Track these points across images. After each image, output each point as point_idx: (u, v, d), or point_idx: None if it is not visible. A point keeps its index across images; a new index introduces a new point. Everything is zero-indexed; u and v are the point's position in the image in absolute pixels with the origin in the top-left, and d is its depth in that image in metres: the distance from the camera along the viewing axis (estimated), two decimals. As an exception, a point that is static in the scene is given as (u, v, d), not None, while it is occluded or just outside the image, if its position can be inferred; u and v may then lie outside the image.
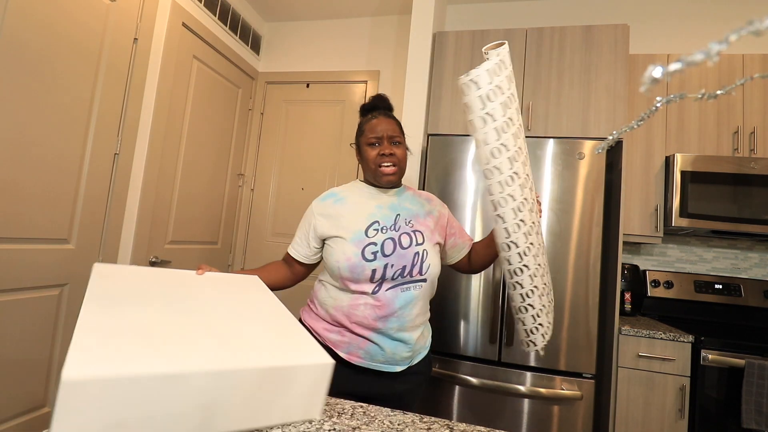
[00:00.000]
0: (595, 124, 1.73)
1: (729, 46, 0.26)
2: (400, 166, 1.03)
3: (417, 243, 0.99)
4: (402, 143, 1.05)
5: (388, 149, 1.01)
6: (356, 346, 0.97)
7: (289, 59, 2.68)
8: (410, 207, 1.06)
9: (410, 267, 0.97)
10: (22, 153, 1.33)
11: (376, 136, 1.02)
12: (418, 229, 1.02)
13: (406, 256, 0.97)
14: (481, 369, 1.61)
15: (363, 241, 0.97)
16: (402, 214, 1.03)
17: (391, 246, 0.97)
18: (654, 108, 0.37)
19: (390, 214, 1.03)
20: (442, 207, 1.13)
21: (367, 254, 0.95)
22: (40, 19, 1.34)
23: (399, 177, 1.05)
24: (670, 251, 2.09)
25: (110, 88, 1.62)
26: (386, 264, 0.95)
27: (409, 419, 0.64)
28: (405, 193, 1.10)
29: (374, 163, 1.02)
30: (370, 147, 1.03)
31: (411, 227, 1.02)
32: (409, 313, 0.97)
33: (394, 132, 1.03)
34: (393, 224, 1.01)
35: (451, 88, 1.91)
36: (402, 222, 1.02)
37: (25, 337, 1.38)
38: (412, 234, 1.00)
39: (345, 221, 1.01)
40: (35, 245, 1.40)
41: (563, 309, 1.58)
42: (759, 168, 1.71)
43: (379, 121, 1.04)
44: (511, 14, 2.36)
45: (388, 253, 0.96)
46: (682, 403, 1.52)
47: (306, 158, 2.56)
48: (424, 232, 1.02)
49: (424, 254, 0.99)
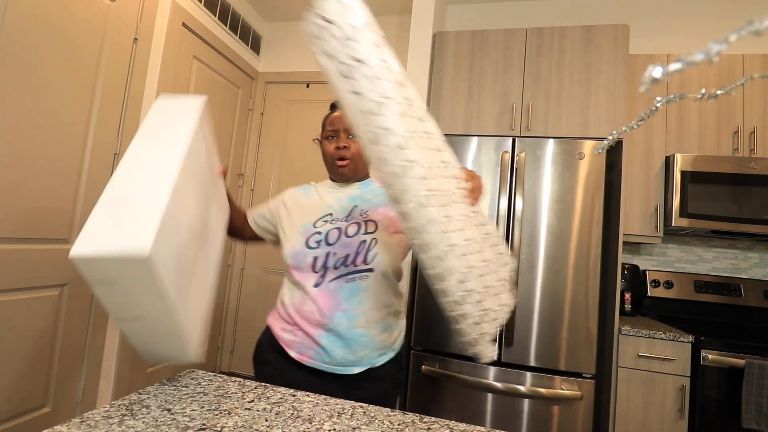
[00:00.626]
0: (595, 124, 1.73)
1: (729, 46, 0.26)
2: (353, 160, 0.98)
3: (366, 232, 0.94)
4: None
5: (342, 142, 0.98)
6: (307, 345, 0.92)
7: (289, 59, 2.68)
8: (371, 198, 1.01)
9: (354, 256, 0.91)
10: (22, 153, 1.33)
11: (333, 129, 0.99)
12: (372, 218, 0.96)
13: (350, 244, 0.92)
14: (481, 369, 1.61)
15: (309, 231, 0.95)
16: (359, 206, 0.99)
17: (336, 235, 0.93)
18: (654, 108, 0.37)
19: (347, 206, 0.99)
20: None
21: (311, 242, 0.93)
22: (40, 19, 1.34)
23: (353, 171, 1.00)
24: (670, 251, 2.09)
25: (110, 88, 1.62)
26: (328, 252, 0.92)
27: (409, 419, 0.64)
28: (371, 186, 1.04)
29: (330, 157, 0.99)
30: (327, 141, 1.00)
31: (364, 217, 0.96)
32: (358, 307, 0.90)
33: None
34: (346, 216, 0.97)
35: (451, 88, 1.91)
36: (357, 213, 0.98)
37: (25, 337, 1.38)
38: (362, 223, 0.95)
39: (301, 213, 1.01)
40: (35, 245, 1.40)
41: (563, 309, 1.58)
42: (759, 168, 1.71)
43: (338, 114, 0.99)
44: (511, 14, 2.36)
45: (331, 242, 0.92)
46: (682, 403, 1.52)
47: (306, 158, 2.56)
48: (380, 221, 0.96)
49: (372, 243, 0.92)
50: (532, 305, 1.60)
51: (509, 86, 1.84)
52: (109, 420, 0.55)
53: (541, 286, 1.60)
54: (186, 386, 0.70)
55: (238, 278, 2.59)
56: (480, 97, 1.87)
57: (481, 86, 1.87)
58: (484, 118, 1.85)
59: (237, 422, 0.58)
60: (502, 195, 1.66)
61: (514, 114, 1.81)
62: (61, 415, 1.53)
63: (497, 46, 1.87)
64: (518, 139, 1.70)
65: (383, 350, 0.95)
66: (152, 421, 0.56)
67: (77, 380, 1.61)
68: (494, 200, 1.68)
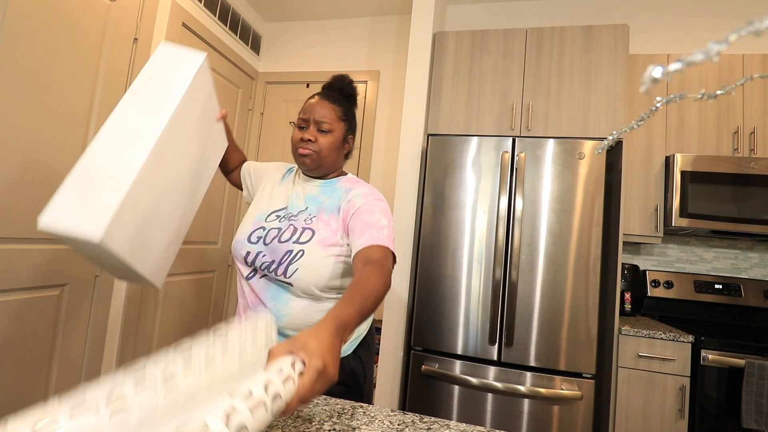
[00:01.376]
0: (595, 124, 1.73)
1: (729, 46, 0.26)
2: (319, 154, 0.92)
3: (296, 240, 0.87)
4: (332, 132, 0.93)
5: (309, 134, 0.92)
6: None
7: (289, 59, 2.68)
8: (325, 200, 0.94)
9: (277, 264, 0.86)
10: (23, 153, 1.33)
11: (304, 118, 0.94)
12: (312, 226, 0.89)
13: (278, 250, 0.87)
14: (481, 369, 1.61)
15: (259, 223, 0.93)
16: (310, 208, 0.93)
17: (273, 235, 0.89)
18: (654, 108, 0.37)
19: (300, 204, 0.94)
20: (361, 196, 0.90)
21: (252, 237, 0.91)
22: (40, 19, 1.34)
23: (315, 163, 0.93)
24: (670, 251, 2.09)
25: (110, 88, 1.62)
26: (259, 252, 0.89)
27: (409, 419, 0.64)
28: (334, 185, 0.97)
29: (294, 146, 0.95)
30: (297, 129, 0.95)
31: (307, 223, 0.90)
32: (284, 307, 0.85)
33: (324, 117, 0.92)
34: (294, 215, 0.93)
35: (451, 88, 1.91)
36: (304, 216, 0.92)
37: (25, 337, 1.38)
38: (299, 229, 0.88)
39: (266, 199, 0.99)
40: (35, 245, 1.40)
41: (563, 309, 1.58)
42: (759, 168, 1.71)
43: (315, 102, 0.94)
44: (511, 14, 2.36)
45: (267, 242, 0.89)
46: (682, 403, 1.52)
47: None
48: (319, 230, 0.88)
49: (297, 255, 0.85)
50: (532, 305, 1.60)
51: (509, 86, 1.84)
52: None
53: (541, 286, 1.60)
54: (186, 386, 0.70)
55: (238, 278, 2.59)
56: (480, 97, 1.87)
57: (481, 86, 1.87)
58: (484, 118, 1.85)
59: (237, 422, 0.58)
60: (502, 195, 1.66)
61: (514, 114, 1.81)
62: (61, 415, 1.53)
63: (497, 46, 1.87)
64: (518, 139, 1.70)
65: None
66: (152, 421, 0.56)
67: (77, 380, 1.60)
68: (494, 200, 1.68)
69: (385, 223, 0.85)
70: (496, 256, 1.63)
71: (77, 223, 0.60)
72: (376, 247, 0.79)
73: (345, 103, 0.98)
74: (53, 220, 0.60)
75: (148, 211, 0.72)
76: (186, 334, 2.21)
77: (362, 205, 0.88)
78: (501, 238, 1.64)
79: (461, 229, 1.70)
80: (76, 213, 0.60)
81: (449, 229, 1.72)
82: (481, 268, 1.66)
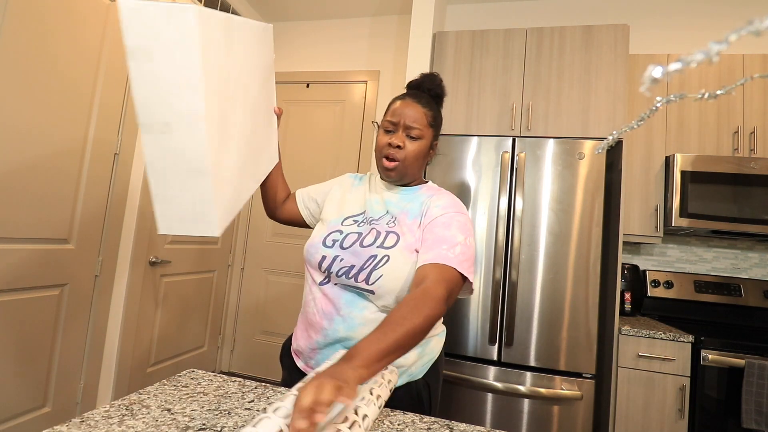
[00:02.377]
0: (595, 124, 1.73)
1: (729, 46, 0.26)
2: (404, 163, 0.87)
3: (381, 245, 0.81)
4: (420, 138, 0.87)
5: (397, 140, 0.86)
6: (307, 354, 0.85)
7: (289, 59, 2.68)
8: (405, 205, 0.89)
9: (358, 269, 0.79)
10: (22, 153, 1.33)
11: (392, 121, 0.87)
12: (395, 230, 0.83)
13: (360, 255, 0.80)
14: (481, 369, 1.61)
15: (335, 226, 0.88)
16: (391, 212, 0.88)
17: (353, 239, 0.84)
18: (654, 108, 0.37)
19: (380, 210, 0.89)
20: (440, 207, 0.85)
21: (328, 240, 0.85)
22: (40, 19, 1.34)
23: (400, 177, 0.88)
24: (670, 251, 2.09)
25: (110, 88, 1.62)
26: (337, 256, 0.82)
27: (409, 419, 0.64)
28: (415, 193, 0.91)
29: (379, 152, 0.89)
30: (383, 132, 0.89)
31: (390, 227, 0.84)
32: (359, 315, 0.79)
33: (415, 122, 0.86)
34: (375, 219, 0.87)
35: (451, 88, 1.91)
36: (385, 219, 0.87)
37: (25, 337, 1.38)
38: (383, 233, 0.83)
39: (340, 205, 0.94)
40: (35, 245, 1.40)
41: (563, 309, 1.58)
42: (759, 168, 1.71)
43: (404, 104, 0.88)
44: (511, 14, 2.36)
45: (345, 246, 0.83)
46: (682, 403, 1.52)
47: (306, 158, 2.56)
48: (403, 234, 0.82)
49: (382, 260, 0.79)
50: (532, 305, 1.60)
51: (509, 86, 1.84)
52: (109, 420, 0.55)
53: (541, 286, 1.60)
54: (186, 386, 0.70)
55: (238, 278, 2.59)
56: (480, 97, 1.87)
57: (481, 86, 1.87)
58: (484, 118, 1.85)
59: (237, 422, 0.58)
60: (502, 195, 1.66)
61: (514, 114, 1.81)
62: (61, 415, 1.53)
63: (497, 46, 1.87)
64: (518, 139, 1.70)
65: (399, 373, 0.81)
66: (152, 421, 0.56)
67: (77, 380, 1.61)
68: (494, 200, 1.68)
69: (460, 239, 0.78)
70: (496, 256, 1.63)
71: (192, 227, 0.65)
72: (440, 267, 0.73)
73: (434, 106, 0.92)
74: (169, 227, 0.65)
75: (232, 167, 0.71)
76: (186, 333, 2.21)
77: (439, 216, 0.82)
78: (501, 238, 1.64)
79: (461, 229, 1.70)
80: (184, 216, 0.65)
81: (449, 229, 1.72)
82: (481, 268, 1.66)
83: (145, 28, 0.59)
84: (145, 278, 1.86)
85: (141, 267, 1.82)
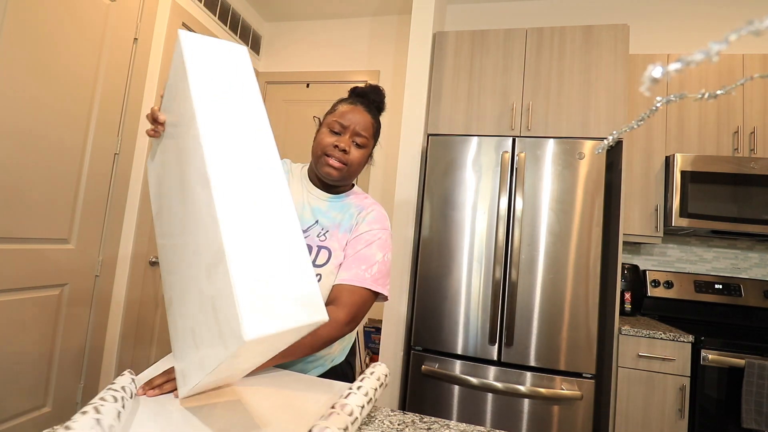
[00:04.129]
0: (595, 124, 1.73)
1: (729, 46, 0.26)
2: (349, 169, 0.87)
3: (312, 262, 0.81)
4: (365, 147, 0.88)
5: (345, 143, 0.85)
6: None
7: (289, 59, 2.68)
8: (335, 216, 0.89)
9: None
10: (22, 153, 1.33)
11: (341, 123, 0.86)
12: (327, 245, 0.84)
13: None
14: (481, 369, 1.61)
15: None
16: (320, 222, 0.88)
17: None
18: (654, 108, 0.37)
19: (308, 218, 0.88)
20: (366, 223, 0.87)
21: None
22: (40, 19, 1.34)
23: (341, 179, 0.88)
24: (670, 251, 2.09)
25: (110, 88, 1.62)
26: None
27: (409, 419, 0.64)
28: (342, 201, 0.92)
29: (322, 150, 0.87)
30: (329, 132, 0.88)
31: (321, 240, 0.85)
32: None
33: (364, 130, 0.87)
34: (306, 230, 0.86)
35: (451, 88, 1.91)
36: (315, 231, 0.86)
37: (25, 337, 1.38)
38: (314, 248, 0.84)
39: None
40: (35, 245, 1.40)
41: (563, 309, 1.58)
42: (759, 168, 1.71)
43: (355, 109, 0.88)
44: (511, 14, 2.36)
45: None
46: (682, 403, 1.52)
47: (306, 158, 2.55)
48: (334, 251, 0.84)
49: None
50: (532, 305, 1.60)
51: (509, 86, 1.84)
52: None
53: (541, 286, 1.60)
54: (186, 386, 0.70)
55: None
56: (480, 97, 1.87)
57: (481, 86, 1.87)
58: (484, 118, 1.85)
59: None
60: (502, 195, 1.66)
61: (514, 114, 1.81)
62: (61, 415, 1.53)
63: (497, 46, 1.87)
64: (518, 139, 1.70)
65: (315, 362, 0.86)
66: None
67: (77, 380, 1.61)
68: (494, 200, 1.68)
69: (379, 258, 0.84)
70: (496, 256, 1.63)
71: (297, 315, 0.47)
72: (353, 289, 0.79)
73: (378, 118, 0.93)
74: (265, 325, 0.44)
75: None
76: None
77: (365, 233, 0.86)
78: (501, 237, 1.64)
79: (461, 229, 1.70)
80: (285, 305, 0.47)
81: (449, 229, 1.72)
82: (481, 268, 1.66)
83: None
84: (145, 278, 1.86)
85: (141, 267, 1.82)
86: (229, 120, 0.53)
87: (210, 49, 0.58)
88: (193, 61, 0.55)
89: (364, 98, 0.93)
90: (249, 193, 0.50)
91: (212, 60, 0.57)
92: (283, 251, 0.49)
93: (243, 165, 0.52)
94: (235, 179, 0.50)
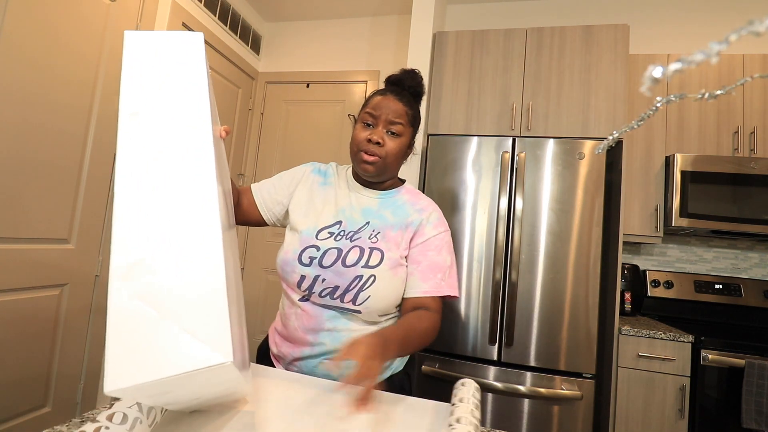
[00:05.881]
0: (595, 124, 1.73)
1: (729, 46, 0.26)
2: (385, 161, 0.82)
3: (366, 264, 0.78)
4: (401, 135, 0.84)
5: (378, 135, 0.81)
6: (288, 361, 0.83)
7: (289, 59, 2.68)
8: (388, 216, 0.85)
9: (343, 291, 0.77)
10: (22, 153, 1.33)
11: (372, 115, 0.83)
12: (379, 246, 0.81)
13: (344, 275, 0.78)
14: (481, 369, 1.61)
15: (309, 240, 0.81)
16: (372, 223, 0.84)
17: (333, 258, 0.79)
18: (654, 108, 0.37)
19: (359, 220, 0.84)
20: (432, 226, 0.85)
21: (304, 258, 0.80)
22: (40, 19, 1.34)
23: (379, 173, 0.84)
24: (670, 251, 2.09)
25: (110, 88, 1.62)
26: (317, 276, 0.78)
27: (409, 419, 0.64)
28: (394, 197, 0.88)
29: (356, 146, 0.83)
30: (362, 126, 0.84)
31: (373, 242, 0.81)
32: (345, 328, 0.79)
33: (397, 118, 0.82)
34: (355, 232, 0.83)
35: (451, 88, 1.91)
36: (367, 233, 0.82)
37: (25, 337, 1.38)
38: (366, 251, 0.80)
39: (310, 210, 0.86)
40: (35, 245, 1.40)
41: (563, 309, 1.58)
42: (759, 168, 1.71)
43: (385, 99, 0.84)
44: (511, 14, 2.36)
45: (326, 265, 0.79)
46: (682, 403, 1.52)
47: (306, 158, 2.55)
48: (387, 251, 0.80)
49: (368, 281, 0.77)
50: (532, 305, 1.60)
51: (509, 86, 1.84)
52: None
53: (541, 286, 1.60)
54: (186, 386, 0.70)
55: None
56: (480, 97, 1.87)
57: (481, 86, 1.87)
58: (484, 118, 1.85)
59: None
60: (502, 195, 1.66)
61: (514, 114, 1.81)
62: (61, 415, 1.53)
63: (497, 46, 1.87)
64: (518, 139, 1.70)
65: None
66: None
67: (77, 380, 1.60)
68: (494, 200, 1.68)
69: (449, 262, 0.86)
70: (496, 256, 1.63)
71: (199, 354, 0.42)
72: (437, 299, 0.83)
73: (414, 105, 0.89)
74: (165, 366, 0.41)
75: (231, 295, 0.50)
76: (186, 334, 2.20)
77: (432, 237, 0.84)
78: (501, 238, 1.64)
79: (461, 229, 1.70)
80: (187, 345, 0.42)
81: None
82: (481, 268, 1.66)
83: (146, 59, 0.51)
84: (145, 278, 1.85)
85: (141, 267, 1.82)
86: (152, 123, 0.51)
87: (152, 44, 0.55)
88: (129, 59, 0.53)
89: (397, 85, 0.89)
90: (154, 205, 0.47)
91: (150, 55, 0.54)
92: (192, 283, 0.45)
93: (157, 174, 0.48)
94: (139, 192, 0.47)
